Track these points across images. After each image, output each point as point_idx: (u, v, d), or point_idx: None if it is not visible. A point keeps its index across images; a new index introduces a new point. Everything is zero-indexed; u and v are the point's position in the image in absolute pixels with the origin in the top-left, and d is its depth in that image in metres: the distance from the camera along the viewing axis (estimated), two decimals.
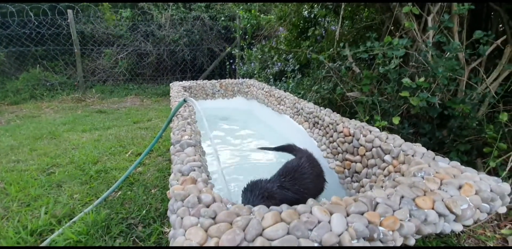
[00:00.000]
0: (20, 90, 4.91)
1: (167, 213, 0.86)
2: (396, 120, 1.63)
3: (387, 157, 1.20)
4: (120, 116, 3.72)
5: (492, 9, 1.88)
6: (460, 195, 0.82)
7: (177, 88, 2.66)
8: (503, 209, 0.87)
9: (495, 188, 0.85)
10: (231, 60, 5.70)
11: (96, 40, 5.30)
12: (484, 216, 0.82)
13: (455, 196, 0.81)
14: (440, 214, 0.77)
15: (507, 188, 0.86)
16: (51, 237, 1.28)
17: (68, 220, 1.43)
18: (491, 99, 1.67)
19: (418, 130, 1.78)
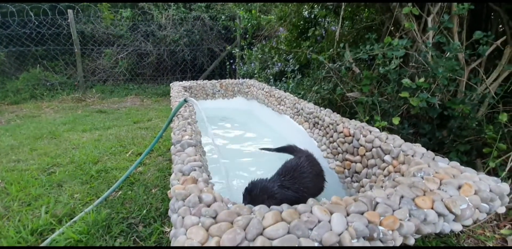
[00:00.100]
0: (20, 90, 4.91)
1: (167, 213, 0.87)
2: (396, 121, 1.64)
3: (387, 157, 1.20)
4: (120, 116, 3.72)
5: (492, 10, 1.89)
6: (459, 195, 0.82)
7: (177, 88, 2.66)
8: (502, 209, 0.88)
9: (495, 188, 0.85)
10: (231, 60, 5.71)
11: (96, 40, 5.30)
12: (483, 216, 0.83)
13: (455, 196, 0.81)
14: (439, 214, 0.77)
15: (506, 188, 0.87)
16: (52, 236, 1.28)
17: (68, 219, 1.43)
18: (491, 99, 1.68)
19: (418, 130, 1.78)
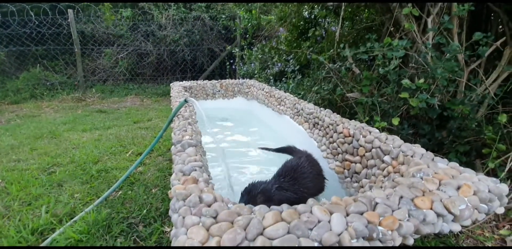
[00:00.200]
0: (20, 90, 4.91)
1: (168, 213, 0.87)
2: (395, 121, 1.64)
3: (387, 158, 1.20)
4: (120, 116, 3.72)
5: (492, 10, 1.89)
6: (458, 196, 0.82)
7: (177, 88, 2.67)
8: (501, 210, 0.88)
9: (493, 188, 0.86)
10: (231, 60, 5.71)
11: (97, 40, 5.31)
12: (482, 217, 0.83)
13: (454, 196, 0.82)
14: (438, 214, 0.77)
15: (505, 189, 0.87)
16: (52, 236, 1.29)
17: (69, 219, 1.43)
18: (490, 100, 1.68)
19: (417, 131, 1.79)
